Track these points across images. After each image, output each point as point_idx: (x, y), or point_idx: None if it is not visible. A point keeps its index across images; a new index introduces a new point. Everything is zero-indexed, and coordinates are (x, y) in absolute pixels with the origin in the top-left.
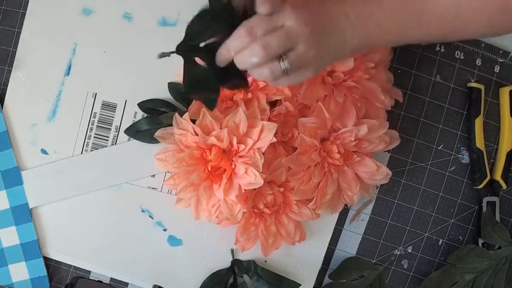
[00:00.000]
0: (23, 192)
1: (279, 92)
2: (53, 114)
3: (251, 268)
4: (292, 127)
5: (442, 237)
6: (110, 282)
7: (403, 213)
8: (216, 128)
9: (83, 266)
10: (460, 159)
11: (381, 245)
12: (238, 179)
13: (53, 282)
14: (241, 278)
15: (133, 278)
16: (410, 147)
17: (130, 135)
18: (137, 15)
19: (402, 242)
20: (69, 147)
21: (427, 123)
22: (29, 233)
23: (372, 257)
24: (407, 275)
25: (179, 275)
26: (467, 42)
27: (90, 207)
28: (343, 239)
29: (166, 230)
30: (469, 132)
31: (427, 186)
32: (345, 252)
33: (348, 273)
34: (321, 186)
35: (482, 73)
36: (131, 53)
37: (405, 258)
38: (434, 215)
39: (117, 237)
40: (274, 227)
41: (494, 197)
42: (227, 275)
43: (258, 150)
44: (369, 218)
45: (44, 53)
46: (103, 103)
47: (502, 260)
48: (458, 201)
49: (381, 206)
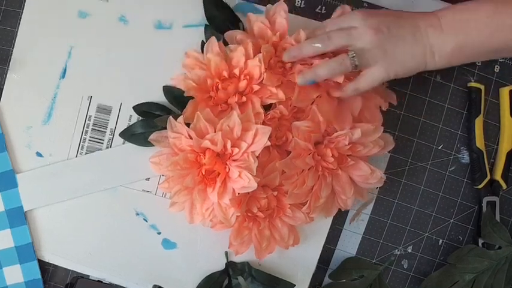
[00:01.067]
0: (17, 195)
1: (273, 95)
2: (48, 117)
3: (245, 270)
4: (287, 131)
5: (442, 237)
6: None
7: (403, 213)
8: (210, 131)
9: (78, 268)
10: (460, 159)
11: (380, 245)
12: (232, 182)
13: (52, 283)
14: (236, 279)
15: (127, 281)
16: (410, 147)
17: (125, 138)
18: (133, 18)
19: (402, 242)
20: (64, 150)
21: (427, 123)
22: (24, 235)
23: (372, 257)
24: (407, 275)
25: (174, 278)
26: None
27: (84, 210)
28: (343, 239)
29: (161, 233)
30: (469, 132)
31: (427, 186)
32: (345, 252)
33: (348, 273)
34: (315, 190)
35: (482, 73)
36: (126, 56)
37: (405, 258)
38: (434, 215)
39: (111, 240)
40: (268, 230)
41: (494, 197)
42: (222, 277)
43: (252, 153)
44: (369, 218)
45: (40, 56)
46: (98, 106)
47: (502, 260)
48: (458, 201)
49: (381, 206)
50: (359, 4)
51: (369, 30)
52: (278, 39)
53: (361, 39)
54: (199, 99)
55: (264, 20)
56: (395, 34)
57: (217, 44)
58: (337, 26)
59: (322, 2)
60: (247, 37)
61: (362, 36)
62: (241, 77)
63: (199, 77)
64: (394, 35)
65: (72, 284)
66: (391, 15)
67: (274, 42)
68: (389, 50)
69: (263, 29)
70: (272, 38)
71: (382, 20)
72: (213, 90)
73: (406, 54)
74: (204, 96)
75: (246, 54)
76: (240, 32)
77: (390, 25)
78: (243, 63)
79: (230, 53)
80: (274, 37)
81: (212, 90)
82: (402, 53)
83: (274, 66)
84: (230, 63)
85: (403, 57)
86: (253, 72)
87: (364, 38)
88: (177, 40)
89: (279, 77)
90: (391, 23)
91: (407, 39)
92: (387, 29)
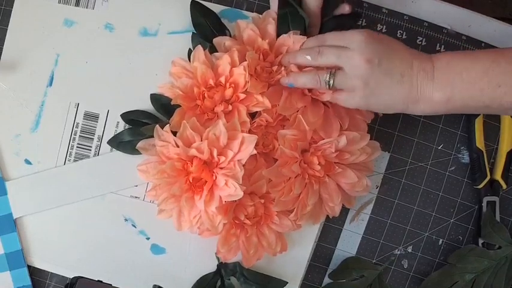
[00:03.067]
0: (7, 203)
1: (259, 103)
2: (36, 125)
3: (237, 270)
4: (273, 139)
5: (442, 237)
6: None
7: (403, 213)
8: (196, 140)
9: (67, 274)
10: (460, 159)
11: (380, 244)
12: (218, 190)
13: (53, 283)
14: (229, 280)
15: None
16: (410, 147)
17: (112, 146)
18: (118, 25)
19: (402, 242)
20: (52, 157)
21: (427, 123)
22: (13, 242)
23: (372, 256)
24: (407, 275)
25: (164, 283)
26: (467, 41)
27: (73, 216)
28: (343, 239)
29: (150, 238)
30: (469, 132)
31: (427, 186)
32: (344, 252)
33: (348, 273)
34: (302, 198)
35: None
36: (113, 63)
37: (405, 258)
38: (434, 214)
39: (100, 246)
40: (255, 238)
41: (494, 197)
42: (214, 279)
43: (239, 162)
44: (369, 218)
45: (27, 64)
46: (85, 113)
47: (502, 260)
48: (458, 201)
49: (381, 206)
50: (359, 4)
51: (359, 58)
52: (267, 47)
53: (349, 63)
54: (186, 107)
55: (253, 27)
56: (384, 69)
57: (203, 53)
58: (336, 41)
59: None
60: (235, 44)
61: (351, 61)
62: (227, 85)
63: (186, 86)
64: (383, 70)
65: (73, 283)
66: (388, 46)
67: (264, 50)
68: (371, 84)
69: (253, 36)
70: (263, 45)
71: (378, 49)
72: (199, 99)
73: (387, 93)
74: (191, 105)
75: (231, 62)
76: (228, 39)
77: (383, 57)
78: (228, 71)
79: (216, 61)
80: (265, 44)
81: (199, 98)
82: (384, 91)
83: (261, 72)
84: (216, 71)
85: (383, 95)
86: (238, 80)
87: (352, 63)
88: (163, 47)
89: (264, 84)
90: (385, 54)
91: (394, 77)
92: (378, 61)
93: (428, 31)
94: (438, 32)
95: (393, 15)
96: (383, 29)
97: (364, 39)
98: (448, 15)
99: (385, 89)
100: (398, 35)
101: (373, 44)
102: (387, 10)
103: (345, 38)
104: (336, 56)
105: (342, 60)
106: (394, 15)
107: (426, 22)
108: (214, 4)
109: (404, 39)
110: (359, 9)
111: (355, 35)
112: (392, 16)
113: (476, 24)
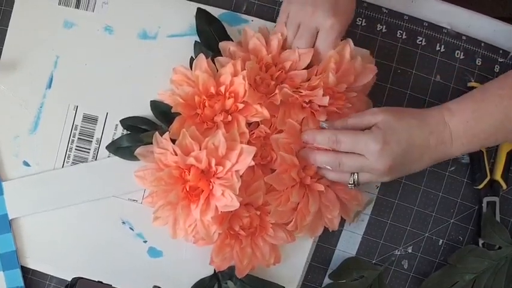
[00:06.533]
0: (3, 203)
1: (258, 113)
2: (35, 127)
3: (234, 274)
4: (271, 150)
5: (442, 237)
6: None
7: (403, 213)
8: (195, 148)
9: (63, 276)
10: (460, 159)
11: (381, 245)
12: (215, 200)
13: (52, 283)
14: (226, 284)
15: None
16: None
17: (111, 151)
18: (118, 28)
19: (402, 242)
20: (51, 159)
21: None
22: (8, 243)
23: (372, 257)
24: (407, 275)
25: (161, 285)
26: (467, 41)
27: (70, 218)
28: (343, 239)
29: (147, 241)
30: None
31: (427, 186)
32: (345, 252)
33: (348, 274)
34: (300, 208)
35: (482, 73)
36: (112, 66)
37: (405, 258)
38: (434, 215)
39: (97, 248)
40: (249, 248)
41: (494, 197)
42: (212, 282)
43: (236, 172)
44: (369, 218)
45: (26, 66)
46: (84, 116)
47: (502, 260)
48: (458, 201)
49: (381, 206)
50: (359, 4)
51: (379, 167)
52: (271, 60)
53: (370, 168)
54: (186, 115)
55: (260, 36)
56: (404, 163)
57: (205, 61)
58: (350, 145)
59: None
60: (240, 50)
61: (372, 169)
62: (227, 95)
63: (187, 94)
64: (404, 165)
65: (73, 284)
66: (403, 141)
67: (267, 63)
68: (395, 174)
69: (258, 45)
70: (266, 58)
71: (394, 152)
72: (200, 108)
73: (410, 170)
74: (191, 113)
75: (234, 71)
76: (233, 44)
77: (400, 155)
78: (229, 80)
79: (220, 69)
80: (268, 57)
81: (199, 107)
82: (406, 171)
83: (260, 84)
84: (218, 80)
85: (406, 173)
86: (238, 90)
87: (374, 169)
88: (162, 50)
89: (261, 95)
90: (402, 151)
91: (415, 163)
92: (398, 162)
93: (428, 31)
94: (438, 32)
95: (393, 15)
96: (383, 29)
97: (378, 150)
98: (448, 15)
99: (407, 171)
100: (398, 35)
101: (387, 150)
102: (387, 10)
103: (359, 144)
104: (357, 167)
105: (364, 169)
106: (394, 15)
107: (426, 22)
108: (213, 7)
109: (404, 39)
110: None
111: (369, 144)
112: (392, 16)
113: (476, 24)
